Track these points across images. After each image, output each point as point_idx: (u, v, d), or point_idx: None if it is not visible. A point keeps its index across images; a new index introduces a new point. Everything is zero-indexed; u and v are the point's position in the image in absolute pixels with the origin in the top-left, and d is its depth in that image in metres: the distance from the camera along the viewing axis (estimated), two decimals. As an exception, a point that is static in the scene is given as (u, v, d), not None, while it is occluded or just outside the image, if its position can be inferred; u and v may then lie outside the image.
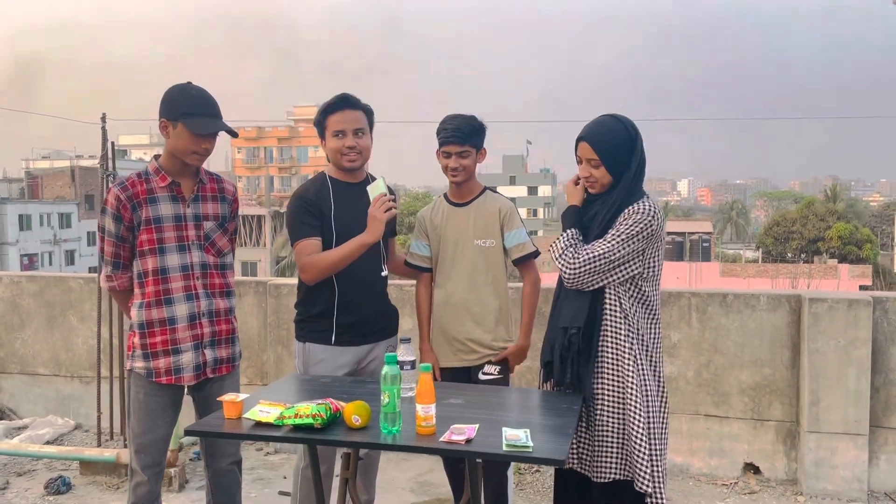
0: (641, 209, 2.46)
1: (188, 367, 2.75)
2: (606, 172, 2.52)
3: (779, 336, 4.13)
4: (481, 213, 3.12)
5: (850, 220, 48.94)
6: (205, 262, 2.80)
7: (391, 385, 2.21)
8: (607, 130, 2.53)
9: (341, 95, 3.00)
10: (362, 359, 3.06)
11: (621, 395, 2.47)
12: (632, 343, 2.47)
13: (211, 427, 2.32)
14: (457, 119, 3.07)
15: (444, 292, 3.14)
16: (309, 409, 2.23)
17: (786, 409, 4.15)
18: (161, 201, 2.73)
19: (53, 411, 5.34)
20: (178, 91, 2.72)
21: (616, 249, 2.45)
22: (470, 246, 3.10)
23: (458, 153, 3.03)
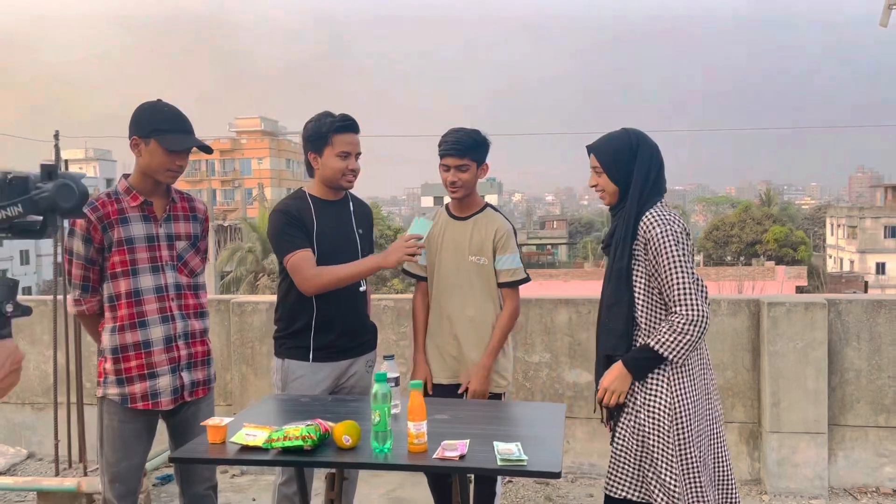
0: (655, 220, 2.45)
1: (165, 391, 2.68)
2: (608, 180, 2.56)
3: (739, 340, 4.26)
4: (479, 229, 3.10)
5: (785, 223, 50.70)
6: (179, 283, 2.74)
7: (382, 404, 2.20)
8: (609, 139, 2.60)
9: (349, 117, 2.97)
10: (341, 375, 3.03)
11: (639, 415, 2.46)
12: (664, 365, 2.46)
13: (196, 453, 2.26)
14: (458, 132, 3.06)
15: (439, 306, 3.13)
16: (298, 430, 2.20)
17: (748, 410, 4.27)
18: (133, 221, 2.66)
19: (4, 440, 5.13)
20: (149, 108, 2.66)
21: (686, 272, 2.42)
22: (464, 261, 3.09)
23: (456, 167, 3.02)
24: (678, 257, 2.43)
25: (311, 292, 2.89)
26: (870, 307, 4.14)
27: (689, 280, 2.42)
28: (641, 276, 2.49)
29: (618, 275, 2.52)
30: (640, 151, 2.55)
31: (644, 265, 2.49)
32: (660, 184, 2.58)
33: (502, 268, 3.08)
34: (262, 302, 4.71)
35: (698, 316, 2.41)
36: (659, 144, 2.65)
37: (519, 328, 4.47)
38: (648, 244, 2.47)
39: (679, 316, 2.41)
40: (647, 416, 2.46)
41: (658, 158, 2.58)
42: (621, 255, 2.52)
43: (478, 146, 3.05)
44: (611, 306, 2.55)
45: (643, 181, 2.53)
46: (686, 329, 2.40)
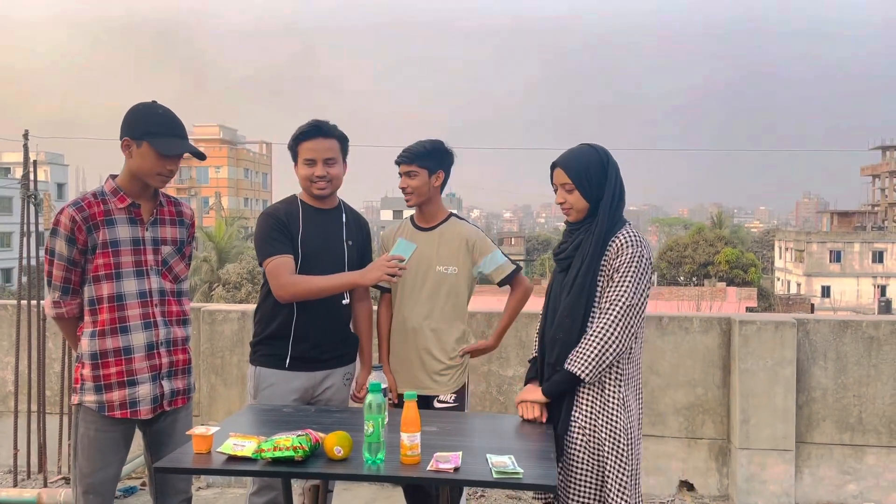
0: (630, 241, 2.49)
1: (145, 399, 2.60)
2: (580, 197, 2.55)
3: (711, 357, 4.33)
4: (446, 238, 3.12)
5: (736, 245, 51.94)
6: (163, 289, 2.67)
7: (376, 414, 2.17)
8: (578, 155, 2.59)
9: (314, 123, 2.93)
10: (315, 386, 2.99)
11: (597, 433, 2.48)
12: (619, 382, 2.49)
13: (181, 463, 2.19)
14: (416, 142, 3.11)
15: (402, 316, 3.12)
16: (289, 441, 2.15)
17: (718, 427, 4.34)
18: (119, 223, 2.58)
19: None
20: (143, 110, 2.59)
21: (632, 299, 2.44)
22: (432, 271, 3.09)
23: (405, 173, 3.05)
24: (634, 282, 2.45)
25: (285, 299, 2.86)
26: (837, 328, 4.25)
27: (629, 306, 2.44)
28: (602, 292, 2.52)
29: (579, 288, 2.53)
30: (609, 167, 2.58)
31: (607, 281, 2.51)
32: (623, 200, 2.62)
33: (491, 269, 3.12)
34: (233, 311, 4.62)
35: (612, 342, 2.43)
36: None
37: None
38: (616, 260, 2.49)
39: (598, 333, 2.44)
40: (608, 435, 2.47)
41: (621, 176, 2.62)
42: (587, 269, 2.52)
43: (428, 154, 3.06)
44: (565, 318, 2.56)
45: (612, 197, 2.56)
46: (602, 353, 2.44)
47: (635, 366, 2.56)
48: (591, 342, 2.45)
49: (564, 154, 2.63)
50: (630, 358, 2.53)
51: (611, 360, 2.45)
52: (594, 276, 2.51)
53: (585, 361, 2.44)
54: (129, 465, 4.29)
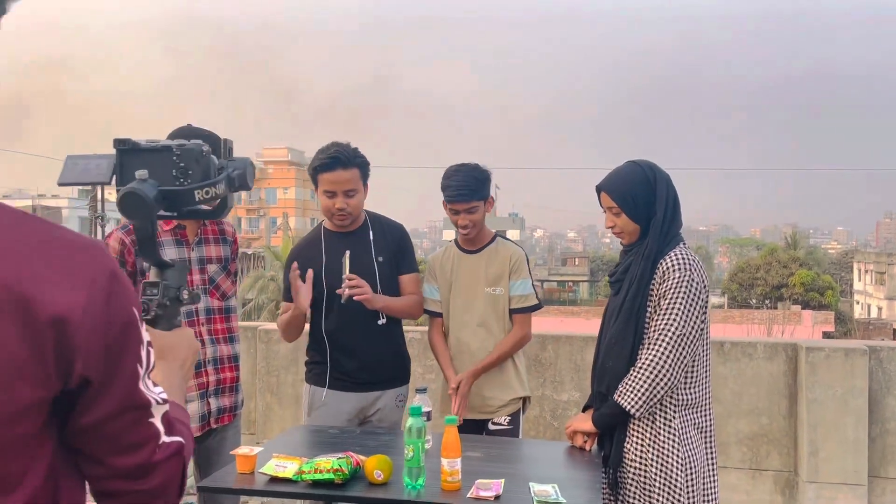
0: (677, 264, 2.37)
1: (193, 417, 2.64)
2: (629, 220, 2.46)
3: (776, 385, 4.14)
4: (494, 259, 3.07)
5: (811, 267, 50.03)
6: (209, 307, 2.72)
7: (416, 438, 2.14)
8: (623, 176, 2.49)
9: (334, 154, 2.87)
10: (367, 407, 2.98)
11: (647, 467, 2.38)
12: (674, 411, 2.38)
13: (224, 483, 2.21)
14: (460, 173, 2.98)
15: (457, 341, 3.07)
16: (329, 463, 2.15)
17: (784, 458, 4.14)
18: (165, 245, 2.64)
19: None
20: (189, 134, 2.63)
21: (688, 322, 2.33)
22: (481, 293, 3.05)
23: (466, 210, 2.96)
24: (683, 309, 2.33)
25: (289, 341, 3.16)
26: (913, 355, 4.01)
27: (679, 335, 2.32)
28: (652, 319, 2.41)
29: (627, 314, 2.43)
30: (657, 185, 2.45)
31: (656, 307, 2.41)
32: (677, 217, 2.49)
33: (513, 293, 3.03)
34: (289, 330, 4.68)
35: (662, 376, 2.32)
36: (681, 184, 2.57)
37: (545, 365, 4.40)
38: (663, 286, 2.39)
39: (647, 366, 2.33)
40: (658, 471, 2.36)
41: (673, 189, 2.49)
42: (635, 294, 2.42)
43: (482, 184, 2.99)
44: (613, 345, 2.46)
45: (664, 217, 2.44)
46: (652, 387, 2.33)
47: (698, 392, 2.42)
48: (640, 375, 2.35)
49: (608, 175, 2.55)
50: (690, 384, 2.41)
51: (662, 394, 2.35)
52: (643, 301, 2.42)
53: (635, 396, 2.35)
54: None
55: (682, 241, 2.47)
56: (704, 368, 2.46)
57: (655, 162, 2.55)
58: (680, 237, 2.48)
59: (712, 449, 2.46)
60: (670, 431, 2.39)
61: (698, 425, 2.44)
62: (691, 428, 2.42)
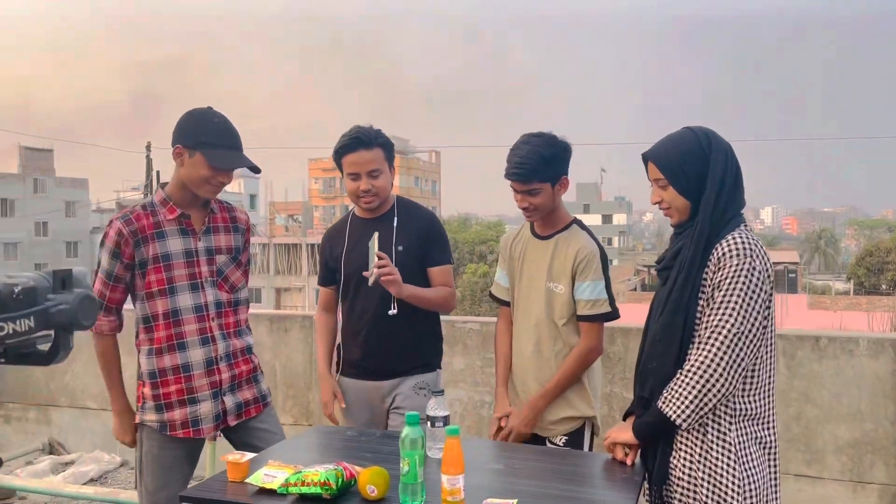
0: (736, 249, 1.98)
1: (207, 417, 2.49)
2: (677, 194, 2.09)
3: (882, 386, 3.60)
4: (560, 251, 2.65)
5: (951, 249, 45.78)
6: (219, 301, 2.55)
7: (411, 450, 1.88)
8: (672, 143, 2.12)
9: (355, 134, 2.72)
10: (385, 395, 2.80)
11: (697, 487, 2.03)
12: (729, 422, 2.01)
13: (209, 492, 2.02)
14: (524, 147, 2.57)
15: (517, 339, 2.75)
16: (318, 475, 1.92)
17: (891, 470, 3.59)
18: (170, 236, 2.48)
19: (101, 446, 5.22)
20: (198, 117, 2.46)
21: (747, 318, 1.96)
22: (542, 288, 2.66)
23: (525, 191, 2.59)
24: (741, 303, 1.95)
25: None
26: None
27: (736, 334, 1.94)
28: (704, 314, 2.03)
29: (674, 307, 2.06)
30: (712, 154, 2.06)
31: (709, 300, 2.02)
32: (737, 195, 2.08)
33: (581, 297, 2.58)
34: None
35: (715, 382, 1.95)
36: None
37: (616, 360, 4.02)
38: (717, 274, 2.00)
39: (697, 369, 1.97)
40: (710, 491, 2.01)
41: (734, 162, 2.08)
42: (684, 283, 2.05)
43: (548, 164, 2.55)
44: (657, 343, 2.10)
45: (718, 192, 2.05)
46: (702, 395, 1.97)
47: (760, 400, 2.04)
48: (689, 380, 1.98)
49: (658, 143, 2.17)
50: (750, 391, 2.03)
51: (714, 403, 1.98)
52: (693, 293, 2.04)
53: (682, 404, 1.99)
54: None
55: (742, 223, 2.08)
56: (768, 373, 2.06)
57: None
58: (740, 218, 2.09)
59: (775, 467, 2.06)
60: (725, 446, 2.01)
61: (760, 439, 2.05)
62: (751, 442, 2.03)
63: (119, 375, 2.59)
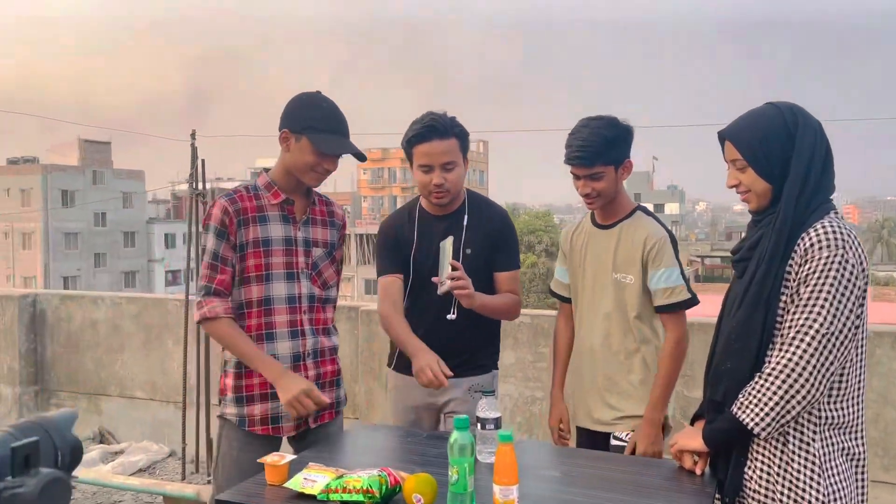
0: (826, 240, 1.77)
1: (287, 415, 2.34)
2: (757, 177, 1.88)
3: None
4: (626, 239, 2.48)
5: None
6: (312, 294, 2.41)
7: (460, 457, 1.73)
8: (754, 120, 1.91)
9: (429, 122, 2.51)
10: (436, 395, 2.60)
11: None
12: (812, 431, 1.81)
13: (245, 496, 1.90)
14: (585, 130, 2.42)
15: (580, 335, 2.58)
16: (360, 482, 1.78)
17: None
18: (271, 221, 2.35)
19: (149, 436, 5.23)
20: (307, 101, 2.35)
21: (837, 316, 1.75)
22: (608, 280, 2.49)
23: (587, 176, 2.43)
24: (832, 299, 1.74)
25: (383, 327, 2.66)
26: None
27: (825, 335, 1.73)
28: (787, 310, 1.82)
29: (753, 303, 1.85)
30: (799, 133, 1.84)
31: (793, 296, 1.81)
32: (826, 179, 1.86)
33: (657, 286, 2.42)
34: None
35: (801, 388, 1.74)
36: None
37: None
38: (804, 267, 1.79)
39: (780, 372, 1.76)
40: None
41: (823, 142, 1.86)
42: (765, 276, 1.84)
43: (611, 145, 2.40)
44: (733, 341, 1.90)
45: (805, 176, 1.83)
46: (785, 401, 1.76)
47: (849, 408, 1.83)
48: (769, 384, 1.78)
49: (737, 120, 1.96)
50: (838, 398, 1.82)
51: (798, 410, 1.77)
52: (775, 287, 1.83)
53: (761, 411, 1.79)
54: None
55: (832, 210, 1.86)
56: (858, 377, 1.85)
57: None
58: (830, 205, 1.87)
59: (863, 481, 1.86)
60: (807, 457, 1.81)
61: (847, 451, 1.84)
62: (837, 454, 1.82)
63: (252, 344, 2.31)
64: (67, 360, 5.49)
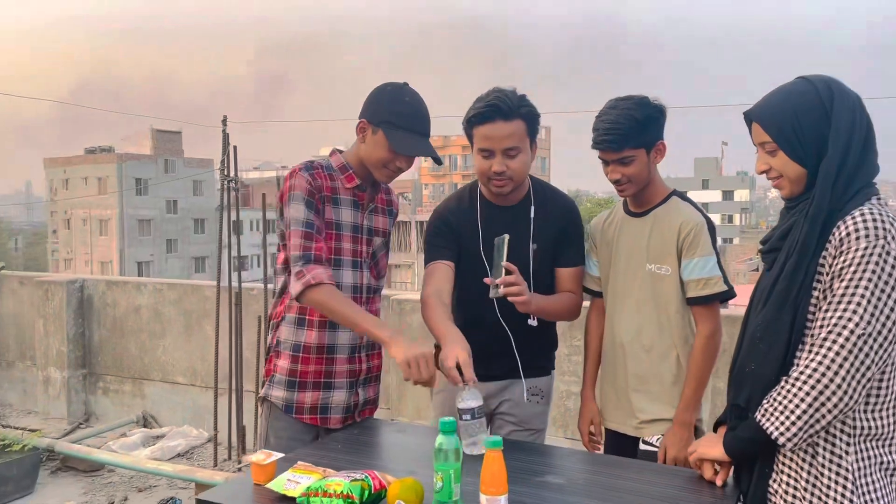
0: (864, 229, 1.57)
1: (338, 407, 2.27)
2: (789, 160, 1.68)
3: None
4: (660, 227, 2.30)
5: None
6: (370, 284, 2.33)
7: (445, 463, 1.60)
8: (783, 98, 1.70)
9: (492, 100, 2.26)
10: (491, 397, 2.44)
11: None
12: (846, 443, 1.62)
13: (225, 496, 1.82)
14: (612, 112, 2.23)
15: (611, 330, 2.40)
16: (341, 486, 1.67)
17: None
18: (343, 205, 2.26)
19: (189, 421, 5.28)
20: (391, 94, 2.21)
21: (877, 315, 1.54)
22: (642, 271, 2.31)
23: (616, 160, 2.24)
24: (870, 296, 1.53)
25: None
26: None
27: (861, 335, 1.52)
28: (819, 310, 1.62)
29: (780, 300, 1.66)
30: (835, 110, 1.63)
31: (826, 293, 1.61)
32: (867, 160, 1.64)
33: (690, 276, 2.23)
34: (423, 301, 4.29)
35: (833, 395, 1.54)
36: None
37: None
38: (839, 259, 1.58)
39: (810, 376, 1.56)
40: None
41: (864, 118, 1.64)
42: (794, 269, 1.64)
43: (642, 128, 2.20)
44: (758, 341, 1.70)
45: (842, 158, 1.62)
46: (814, 409, 1.56)
47: (889, 416, 1.62)
48: (797, 390, 1.58)
49: (765, 98, 1.75)
50: (876, 404, 1.62)
51: (829, 420, 1.57)
52: (805, 283, 1.63)
53: (787, 420, 1.60)
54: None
55: (875, 196, 1.65)
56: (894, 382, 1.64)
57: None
58: (872, 189, 1.66)
59: None
60: (840, 472, 1.61)
61: (885, 465, 1.63)
62: (875, 469, 1.62)
63: (363, 309, 2.16)
64: (113, 344, 5.59)
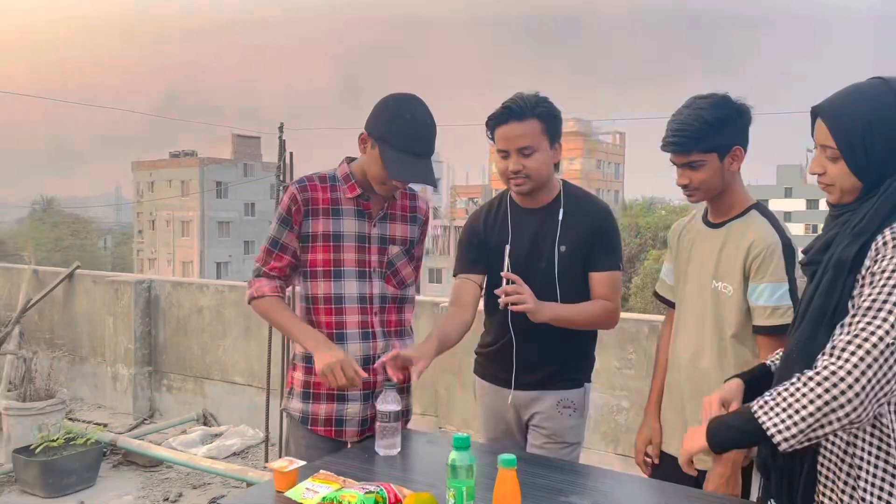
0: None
1: (353, 420, 2.26)
2: (849, 172, 1.54)
3: None
4: (732, 242, 2.12)
5: None
6: (385, 295, 2.30)
7: (457, 479, 1.56)
8: (856, 98, 1.55)
9: (507, 104, 2.30)
10: (520, 406, 2.43)
11: None
12: (869, 453, 1.50)
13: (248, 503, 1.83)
14: (685, 111, 2.08)
15: (675, 347, 2.27)
16: (354, 498, 1.66)
17: None
18: (345, 215, 2.25)
19: (246, 421, 5.39)
20: (392, 108, 2.17)
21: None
22: (707, 288, 2.15)
23: (685, 164, 2.10)
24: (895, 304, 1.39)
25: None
26: None
27: (883, 347, 1.37)
28: None
29: (816, 318, 1.53)
30: None
31: None
32: None
33: (756, 303, 2.04)
34: (473, 309, 4.25)
35: (843, 401, 1.38)
36: None
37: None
38: (875, 267, 1.45)
39: (821, 378, 1.40)
40: None
41: None
42: (831, 283, 1.51)
43: (714, 130, 2.03)
44: (793, 362, 1.56)
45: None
46: (821, 413, 1.40)
47: None
48: (810, 389, 1.42)
49: (834, 95, 1.59)
50: None
51: (836, 427, 1.42)
52: (842, 300, 1.51)
53: (789, 418, 1.44)
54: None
55: None
56: None
57: None
58: None
59: None
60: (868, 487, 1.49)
61: None
62: None
63: (295, 317, 2.27)
64: (177, 343, 5.77)
